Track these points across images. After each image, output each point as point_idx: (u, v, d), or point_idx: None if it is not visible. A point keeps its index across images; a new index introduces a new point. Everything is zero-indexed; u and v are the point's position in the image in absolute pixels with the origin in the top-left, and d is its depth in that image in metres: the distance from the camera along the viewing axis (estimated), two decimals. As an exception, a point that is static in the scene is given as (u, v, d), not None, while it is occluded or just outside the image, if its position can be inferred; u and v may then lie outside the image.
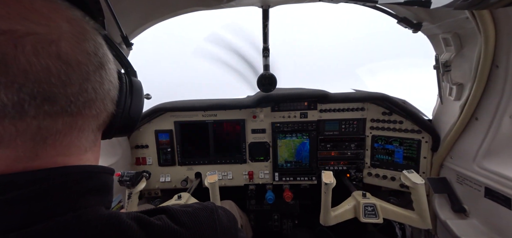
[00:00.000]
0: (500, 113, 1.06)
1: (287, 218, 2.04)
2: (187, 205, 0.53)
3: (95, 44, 0.40)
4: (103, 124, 0.46)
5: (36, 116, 0.33)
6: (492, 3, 0.53)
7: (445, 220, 1.29)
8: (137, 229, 0.40)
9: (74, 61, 0.35)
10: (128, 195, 1.36)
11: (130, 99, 0.50)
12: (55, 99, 0.34)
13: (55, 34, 0.34)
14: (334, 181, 1.23)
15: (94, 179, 0.42)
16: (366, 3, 1.11)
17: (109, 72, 0.43)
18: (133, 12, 1.17)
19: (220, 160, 1.82)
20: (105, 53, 0.43)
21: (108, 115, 0.45)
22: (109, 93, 0.44)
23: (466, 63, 1.13)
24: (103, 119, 0.44)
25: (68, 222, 0.35)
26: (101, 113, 0.43)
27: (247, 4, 1.22)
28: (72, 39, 0.36)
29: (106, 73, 0.42)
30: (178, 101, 1.78)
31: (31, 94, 0.31)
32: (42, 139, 0.35)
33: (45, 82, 0.32)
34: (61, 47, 0.34)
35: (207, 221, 0.51)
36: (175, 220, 0.46)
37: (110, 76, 0.43)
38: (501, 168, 1.07)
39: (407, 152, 1.60)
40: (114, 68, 0.46)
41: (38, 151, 0.35)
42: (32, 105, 0.32)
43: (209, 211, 0.53)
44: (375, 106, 1.68)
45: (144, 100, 0.56)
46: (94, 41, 0.40)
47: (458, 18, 1.05)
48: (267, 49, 1.49)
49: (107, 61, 0.43)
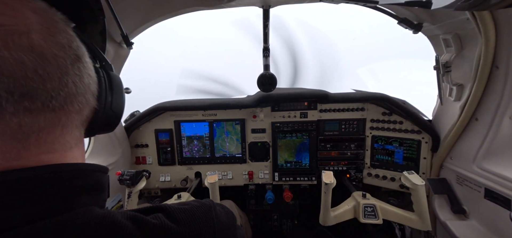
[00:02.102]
0: (500, 114, 1.06)
1: (286, 218, 2.04)
2: (184, 203, 0.52)
3: (68, 36, 0.39)
4: (87, 120, 0.45)
5: (16, 113, 0.32)
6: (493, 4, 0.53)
7: (444, 221, 1.29)
8: (132, 228, 0.39)
9: (50, 54, 0.34)
10: (128, 194, 1.36)
11: (111, 94, 0.49)
12: (34, 94, 0.32)
13: (23, 26, 0.32)
14: (334, 181, 1.23)
15: (87, 177, 0.41)
16: (366, 4, 1.11)
17: (86, 65, 0.42)
18: (134, 11, 1.17)
19: (220, 160, 1.82)
20: (79, 46, 0.41)
21: (91, 110, 0.44)
22: (90, 87, 0.42)
23: (466, 63, 1.13)
24: (86, 115, 0.43)
25: (61, 223, 0.34)
26: (84, 108, 0.42)
27: (247, 4, 1.22)
28: (43, 30, 0.34)
29: (84, 66, 0.41)
30: (178, 101, 1.78)
31: (7, 89, 0.30)
32: (24, 137, 0.34)
33: (21, 77, 0.31)
34: (32, 39, 0.32)
35: (204, 219, 0.50)
36: (172, 218, 0.45)
37: (88, 69, 0.42)
38: (501, 169, 1.07)
39: (407, 152, 1.60)
40: (90, 62, 0.45)
41: (21, 150, 0.34)
42: (10, 102, 0.31)
43: (207, 208, 0.53)
44: (375, 107, 1.68)
45: (125, 94, 0.55)
46: (66, 33, 0.39)
47: (458, 19, 1.05)
48: (267, 49, 1.49)
49: (83, 54, 0.42)
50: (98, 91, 0.46)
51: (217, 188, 1.36)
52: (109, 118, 0.49)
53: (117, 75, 0.54)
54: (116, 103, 0.50)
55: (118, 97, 0.51)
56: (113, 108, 0.49)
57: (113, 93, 0.49)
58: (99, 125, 0.48)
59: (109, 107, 0.48)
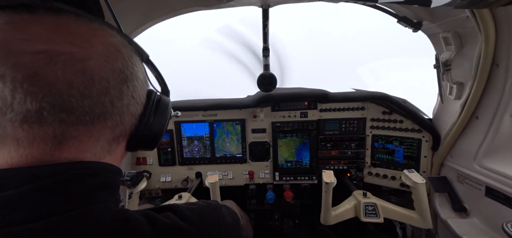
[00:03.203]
0: (501, 112, 1.06)
1: (287, 217, 2.04)
2: (191, 203, 0.55)
3: (125, 62, 0.43)
4: (121, 136, 0.47)
5: (53, 122, 0.36)
6: (492, 2, 0.53)
7: (445, 219, 1.29)
8: (145, 223, 0.42)
9: (97, 77, 0.38)
10: (129, 195, 1.36)
11: (154, 116, 0.52)
12: (72, 109, 0.36)
13: (85, 54, 0.37)
14: (335, 180, 1.23)
15: (105, 175, 0.43)
16: (366, 3, 1.11)
17: (132, 88, 0.45)
18: (133, 12, 1.17)
19: (221, 160, 1.82)
20: (134, 72, 0.45)
21: (127, 128, 0.47)
22: (129, 108, 0.45)
23: (466, 62, 1.13)
24: (120, 132, 0.46)
25: (79, 216, 0.36)
26: (117, 126, 0.44)
27: (247, 4, 1.22)
28: (102, 58, 0.39)
29: (127, 89, 0.44)
30: (178, 101, 1.78)
31: (51, 103, 0.34)
32: (58, 143, 0.37)
33: (65, 94, 0.35)
34: (88, 65, 0.37)
35: (211, 218, 0.52)
36: (181, 217, 0.48)
37: (133, 92, 0.45)
38: (502, 167, 1.07)
39: (408, 151, 1.60)
40: (141, 86, 0.48)
41: (54, 153, 0.38)
42: (50, 113, 0.35)
43: (213, 208, 0.55)
44: (375, 106, 1.68)
45: (169, 116, 0.58)
46: (125, 60, 0.43)
47: (458, 17, 1.05)
48: (267, 49, 1.49)
49: (133, 79, 0.45)
50: (142, 111, 0.49)
51: (217, 188, 1.36)
52: (148, 137, 0.52)
53: (167, 99, 0.58)
54: (157, 125, 0.52)
55: (160, 119, 0.53)
56: (153, 128, 0.52)
57: (156, 115, 0.52)
58: (137, 142, 0.51)
59: (150, 127, 0.51)
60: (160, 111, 0.53)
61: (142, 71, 0.49)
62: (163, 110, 0.54)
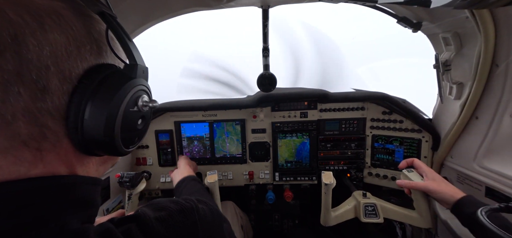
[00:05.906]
0: (501, 112, 1.06)
1: (287, 218, 2.04)
2: (162, 207, 0.47)
3: None
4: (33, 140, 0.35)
5: None
6: (492, 2, 0.53)
7: (445, 220, 1.29)
8: None
9: None
10: (128, 196, 1.36)
11: (91, 104, 0.38)
12: None
13: None
14: (334, 181, 1.23)
15: (71, 192, 0.37)
16: (365, 3, 1.11)
17: (18, 60, 0.34)
18: (133, 12, 1.17)
19: (221, 160, 1.82)
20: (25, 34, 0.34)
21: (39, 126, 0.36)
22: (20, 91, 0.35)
23: (466, 62, 1.13)
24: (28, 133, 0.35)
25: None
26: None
27: (246, 4, 1.22)
28: None
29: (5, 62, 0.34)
30: (178, 101, 1.78)
31: None
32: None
33: None
34: None
35: (184, 225, 0.46)
36: (146, 232, 0.40)
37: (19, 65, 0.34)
38: (502, 167, 1.07)
39: (408, 151, 1.60)
40: (59, 55, 0.37)
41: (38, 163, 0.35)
42: None
43: (188, 210, 0.49)
44: (375, 106, 1.68)
45: (123, 104, 0.40)
46: None
47: (458, 18, 1.05)
48: (267, 49, 1.49)
49: (22, 46, 0.34)
50: (68, 97, 0.40)
51: (217, 187, 1.36)
52: (92, 140, 0.42)
53: (131, 79, 0.47)
54: (96, 119, 0.42)
55: (103, 109, 0.42)
56: (91, 126, 0.41)
57: (95, 103, 0.41)
58: (88, 145, 0.42)
59: (84, 124, 0.41)
60: (102, 96, 0.37)
61: (68, 34, 0.36)
62: (109, 94, 0.37)
